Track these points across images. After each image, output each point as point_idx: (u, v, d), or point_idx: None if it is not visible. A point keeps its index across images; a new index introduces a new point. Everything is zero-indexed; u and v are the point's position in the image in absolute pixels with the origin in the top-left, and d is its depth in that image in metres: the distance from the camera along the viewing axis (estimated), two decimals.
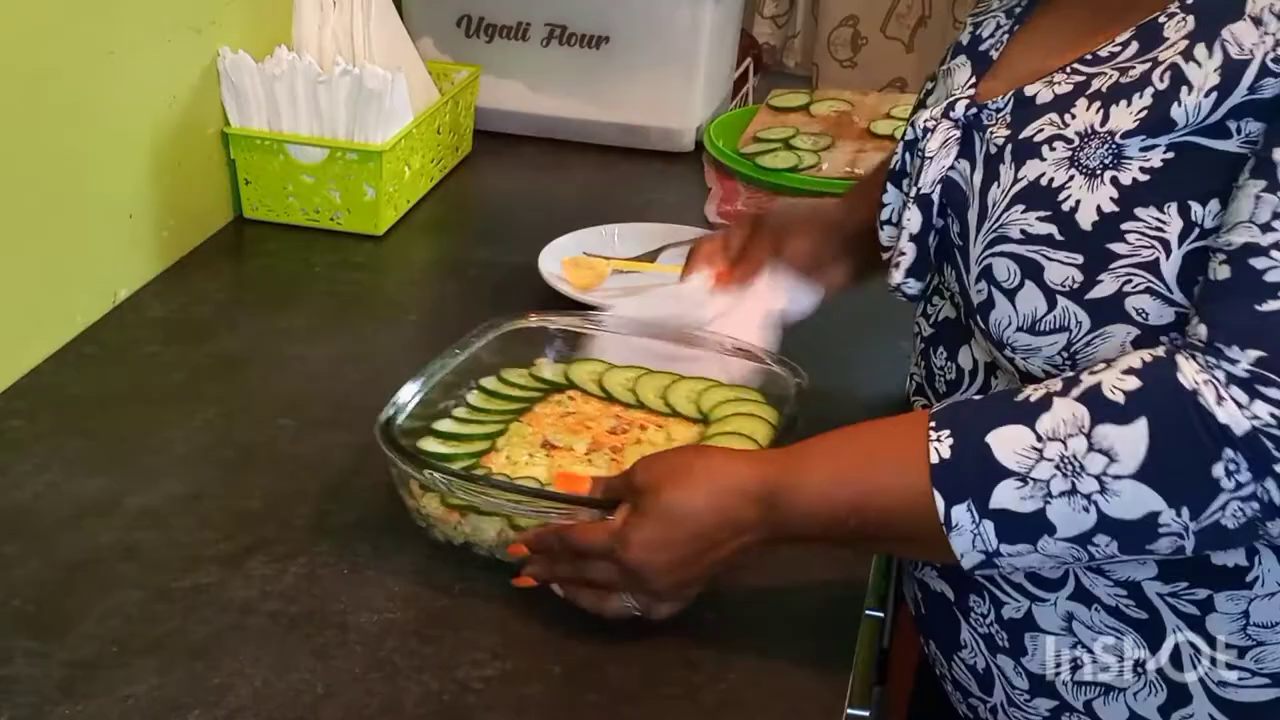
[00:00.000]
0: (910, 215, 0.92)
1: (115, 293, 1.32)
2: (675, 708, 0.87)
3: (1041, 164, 0.84)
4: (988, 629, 0.91)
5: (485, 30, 1.76)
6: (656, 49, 1.72)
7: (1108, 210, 0.80)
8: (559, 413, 1.08)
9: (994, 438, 0.77)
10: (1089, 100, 0.83)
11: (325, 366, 1.24)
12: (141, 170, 1.35)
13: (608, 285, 1.38)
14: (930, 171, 0.91)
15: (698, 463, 0.87)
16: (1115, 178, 0.80)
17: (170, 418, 1.15)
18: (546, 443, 1.04)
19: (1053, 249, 0.82)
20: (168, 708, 0.85)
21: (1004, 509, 0.77)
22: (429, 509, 0.97)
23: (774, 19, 2.67)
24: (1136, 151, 0.80)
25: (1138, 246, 0.79)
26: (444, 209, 1.60)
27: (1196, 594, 0.84)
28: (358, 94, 1.45)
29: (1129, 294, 0.80)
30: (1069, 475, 0.75)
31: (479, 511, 0.95)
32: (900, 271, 0.94)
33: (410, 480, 0.97)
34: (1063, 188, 0.82)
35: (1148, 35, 0.83)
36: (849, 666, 0.91)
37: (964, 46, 0.97)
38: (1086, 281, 0.81)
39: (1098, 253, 0.80)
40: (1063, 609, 0.88)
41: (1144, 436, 0.74)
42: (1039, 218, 0.83)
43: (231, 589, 0.95)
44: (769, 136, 1.74)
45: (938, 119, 0.92)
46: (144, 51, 1.32)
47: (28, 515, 1.02)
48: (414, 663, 0.89)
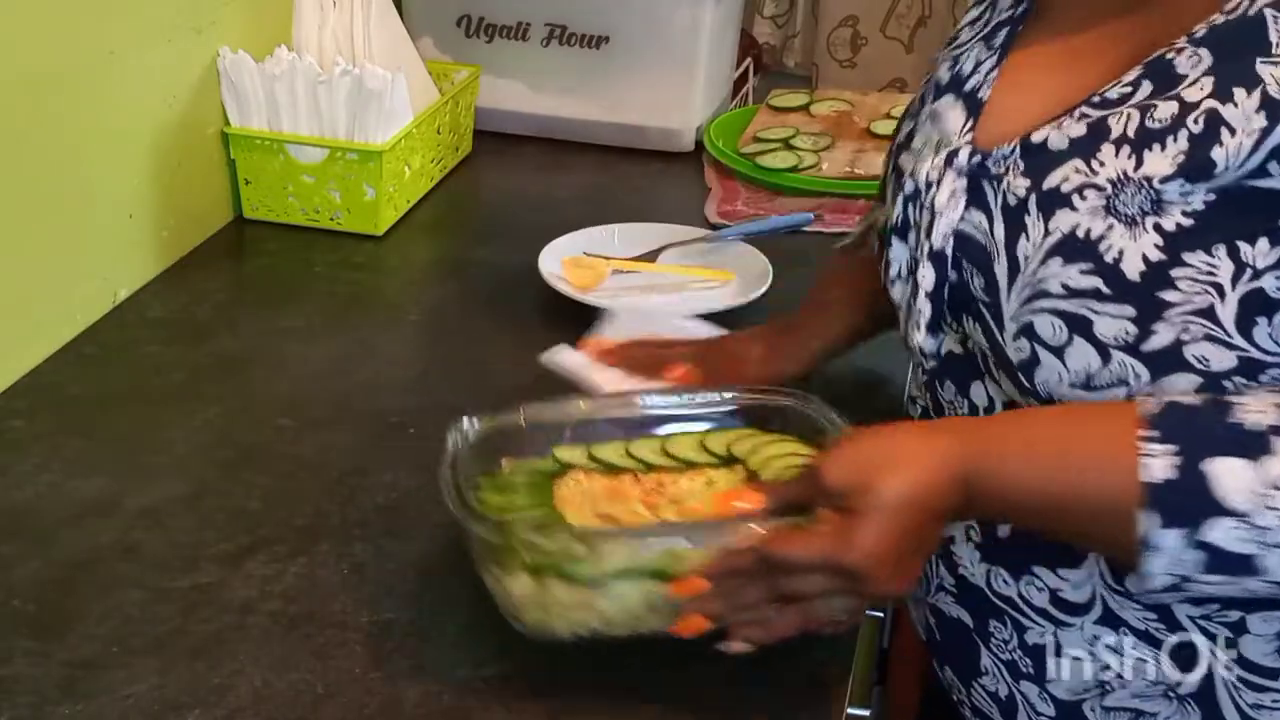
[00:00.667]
0: (925, 272, 0.88)
1: (115, 293, 1.32)
2: (675, 707, 0.87)
3: (1074, 214, 0.80)
4: (1010, 655, 0.89)
5: (485, 30, 1.76)
6: (656, 49, 1.72)
7: (1155, 259, 0.77)
8: (578, 492, 0.95)
9: (1216, 467, 0.73)
10: (1115, 145, 0.79)
11: (325, 366, 1.24)
12: (141, 170, 1.35)
13: (608, 285, 1.38)
14: (941, 226, 0.87)
15: (896, 446, 0.81)
16: (1158, 224, 0.77)
17: (170, 418, 1.15)
18: (603, 515, 0.92)
19: (1100, 302, 0.78)
20: (168, 708, 0.85)
21: (1217, 546, 0.73)
22: (556, 596, 0.84)
23: (774, 19, 2.67)
24: (1176, 196, 0.76)
25: (1190, 294, 0.76)
26: (444, 209, 1.60)
27: (1229, 616, 0.82)
28: (358, 94, 1.45)
29: (1187, 343, 0.76)
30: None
31: (624, 575, 0.84)
32: (921, 331, 0.90)
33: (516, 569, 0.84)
34: (1102, 238, 0.79)
35: (1160, 74, 0.79)
36: (849, 666, 0.91)
37: (947, 86, 0.93)
38: (1141, 333, 0.77)
39: (1149, 302, 0.77)
40: (1089, 633, 0.86)
41: None
42: (1081, 270, 0.79)
43: (231, 589, 0.95)
44: (769, 136, 1.74)
45: (941, 170, 0.88)
46: (144, 51, 1.32)
47: (28, 515, 1.02)
48: (414, 663, 0.89)
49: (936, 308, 0.89)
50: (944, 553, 0.92)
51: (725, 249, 1.46)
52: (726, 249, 1.46)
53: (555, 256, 1.40)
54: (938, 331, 0.90)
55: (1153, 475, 0.73)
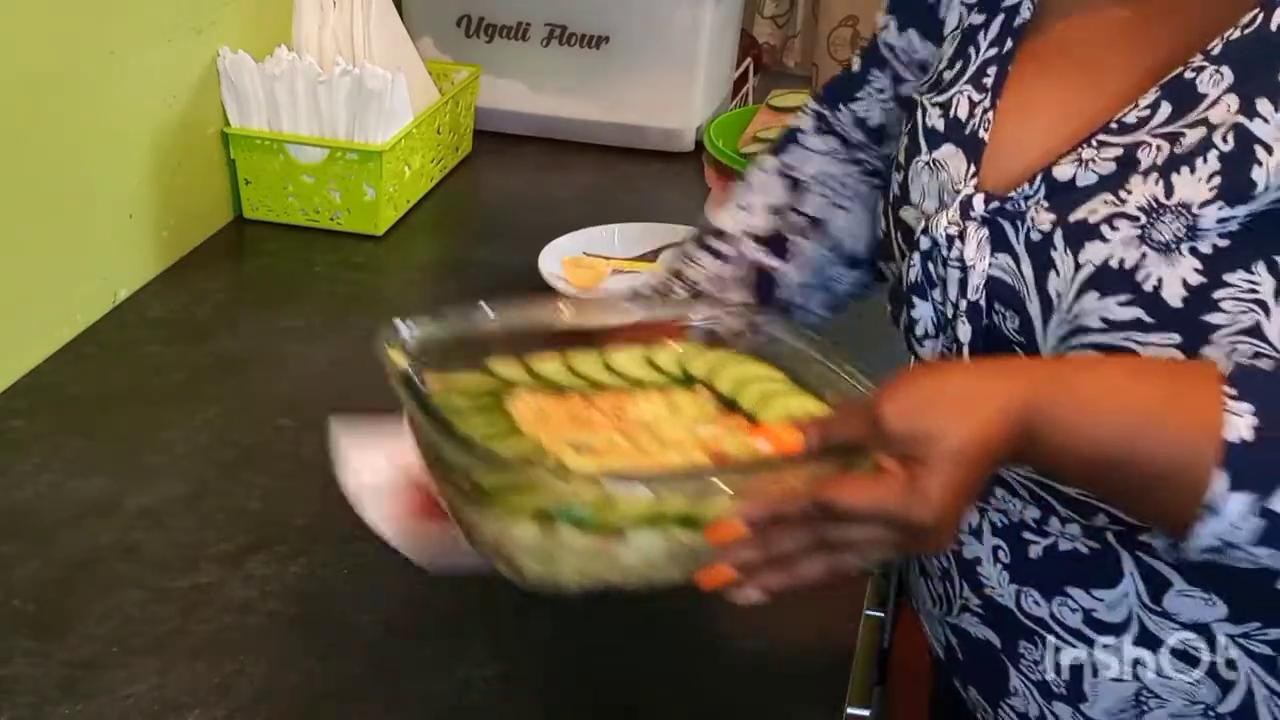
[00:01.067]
0: (963, 329, 0.84)
1: (115, 293, 1.32)
2: (675, 707, 0.87)
3: (1105, 245, 0.77)
4: (1041, 675, 0.87)
5: (485, 30, 1.77)
6: (656, 49, 1.72)
7: (1195, 283, 0.74)
8: (540, 417, 0.84)
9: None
10: (1144, 175, 0.77)
11: (325, 366, 1.24)
12: (141, 170, 1.35)
13: (608, 285, 1.38)
14: (974, 279, 0.83)
15: (962, 387, 0.75)
16: (1194, 248, 0.75)
17: (170, 418, 1.15)
18: (580, 446, 0.81)
19: (1144, 332, 0.76)
20: (168, 708, 0.85)
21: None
22: (571, 543, 0.73)
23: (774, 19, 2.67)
24: (1214, 222, 0.74)
25: (1235, 314, 0.74)
26: (444, 209, 1.60)
27: (1269, 634, 0.81)
28: (358, 94, 1.45)
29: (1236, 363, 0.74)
30: None
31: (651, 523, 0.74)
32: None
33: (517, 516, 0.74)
34: (1138, 267, 0.76)
35: (1180, 94, 0.77)
36: (849, 666, 0.91)
37: (944, 134, 0.88)
38: (1189, 359, 0.75)
39: (1194, 327, 0.75)
40: (1127, 654, 0.84)
41: None
42: (1119, 302, 0.76)
43: (231, 589, 0.95)
44: (769, 136, 1.73)
45: (960, 223, 0.84)
46: (144, 51, 1.32)
47: (28, 515, 1.02)
48: (414, 663, 0.89)
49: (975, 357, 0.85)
50: (968, 571, 0.90)
51: None
52: None
53: (555, 256, 1.40)
54: None
55: (1236, 434, 0.69)
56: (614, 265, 1.41)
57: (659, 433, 0.83)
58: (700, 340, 0.92)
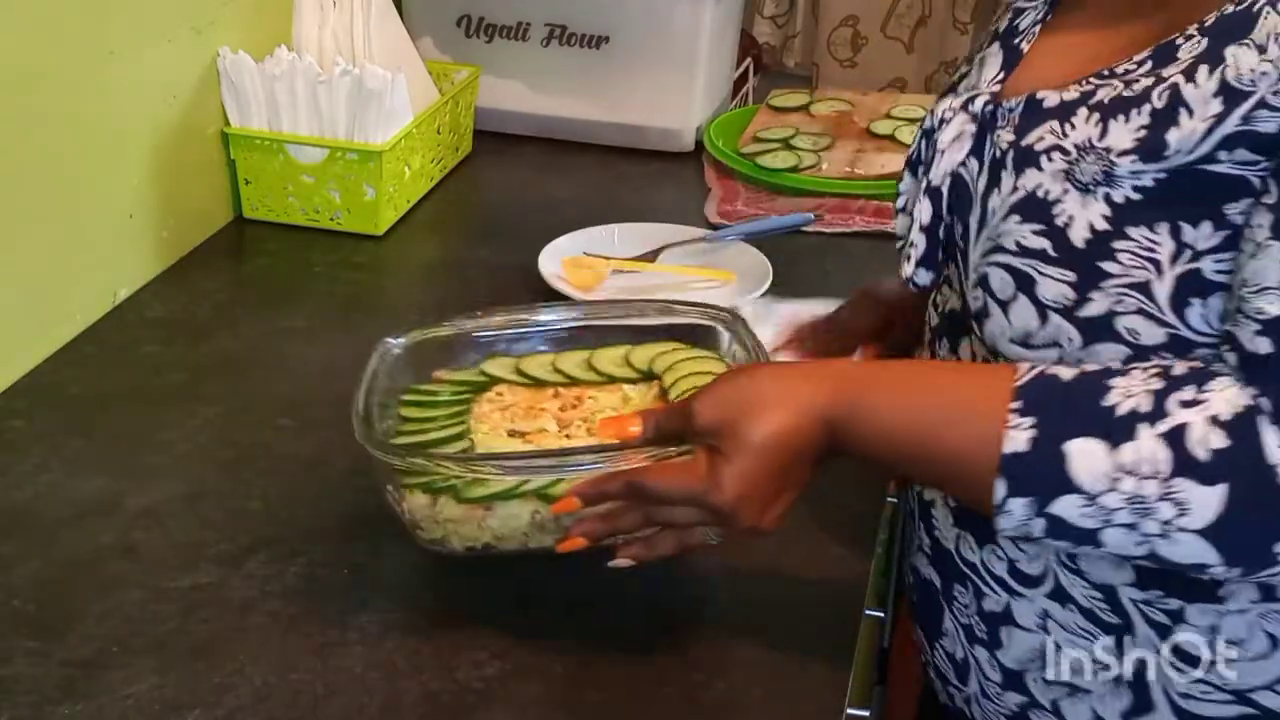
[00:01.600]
0: (922, 207, 0.91)
1: (115, 293, 1.32)
2: (675, 708, 0.87)
3: (1039, 174, 0.83)
4: (969, 619, 0.92)
5: (485, 30, 1.76)
6: (656, 49, 1.72)
7: (1100, 228, 0.79)
8: (499, 407, 1.01)
9: (1074, 447, 0.75)
10: (1089, 111, 0.82)
11: (325, 366, 1.24)
12: (141, 170, 1.35)
13: (608, 285, 1.38)
14: (942, 164, 0.90)
15: (765, 387, 0.84)
16: (1109, 195, 0.79)
17: (170, 418, 1.15)
18: (515, 432, 0.98)
19: (1046, 264, 0.81)
20: (168, 708, 0.85)
21: (1061, 518, 0.76)
22: (446, 513, 0.91)
23: (774, 19, 2.67)
24: (1127, 173, 0.78)
25: (1129, 267, 0.78)
26: (444, 209, 1.60)
27: (1169, 604, 0.83)
28: (358, 94, 1.45)
29: (1120, 314, 0.79)
30: (1135, 513, 0.74)
31: (510, 496, 0.90)
32: (910, 264, 0.93)
33: (412, 488, 0.91)
34: (1057, 201, 0.81)
35: (1163, 56, 0.81)
36: (849, 666, 0.91)
37: (1000, 34, 0.95)
38: (1079, 299, 0.80)
39: (1090, 271, 0.80)
40: (1039, 606, 0.88)
41: (1220, 500, 0.73)
42: (1034, 231, 0.82)
43: (231, 589, 0.95)
44: (769, 136, 1.74)
45: (956, 111, 0.91)
46: (144, 51, 1.32)
47: (28, 515, 1.02)
48: (414, 663, 0.89)
49: (931, 244, 0.92)
50: (924, 514, 0.95)
51: (725, 249, 1.46)
52: (726, 249, 1.46)
53: (555, 256, 1.40)
54: (930, 268, 0.93)
55: (1010, 447, 0.76)
56: (614, 265, 1.41)
57: (593, 423, 0.98)
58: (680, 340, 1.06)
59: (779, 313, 1.20)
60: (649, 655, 0.90)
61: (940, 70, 2.57)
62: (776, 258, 1.40)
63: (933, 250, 0.92)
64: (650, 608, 0.95)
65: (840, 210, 1.58)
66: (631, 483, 0.85)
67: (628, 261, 1.42)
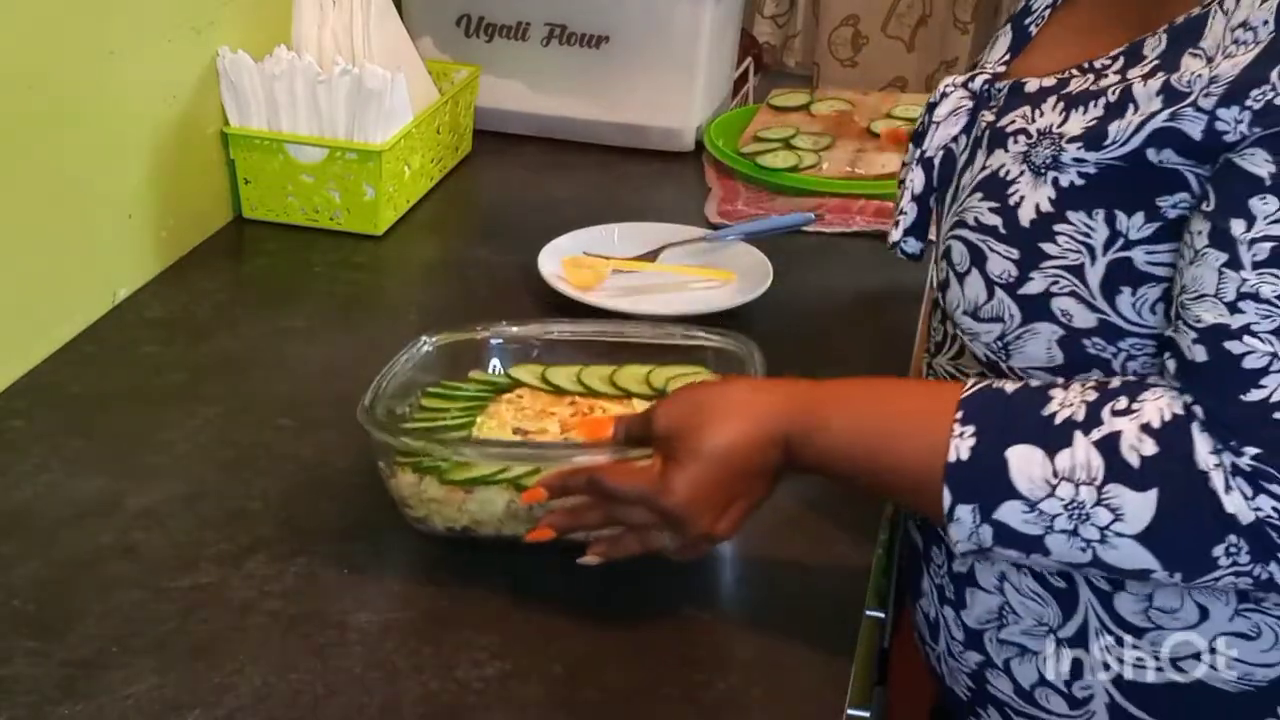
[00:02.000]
0: (915, 176, 0.95)
1: (115, 293, 1.32)
2: (675, 708, 0.87)
3: (1004, 154, 0.87)
4: (941, 580, 0.95)
5: (485, 30, 1.76)
6: (656, 49, 1.72)
7: (1044, 210, 0.83)
8: (515, 408, 1.08)
9: (1014, 454, 0.78)
10: (1058, 100, 0.86)
11: (325, 366, 1.24)
12: (141, 170, 1.35)
13: (608, 285, 1.38)
14: (936, 137, 0.94)
15: (724, 399, 0.88)
16: (1056, 179, 0.83)
17: (170, 418, 1.15)
18: (520, 430, 1.04)
19: (996, 240, 0.85)
20: (168, 708, 0.85)
21: (1006, 524, 0.79)
22: (429, 493, 0.96)
23: (774, 19, 2.67)
24: (1071, 160, 0.82)
25: (1065, 249, 0.82)
26: (444, 209, 1.60)
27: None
28: (357, 94, 1.45)
29: (1055, 295, 0.83)
30: (1074, 519, 0.77)
31: (486, 482, 0.95)
32: (899, 230, 0.98)
33: (403, 466, 0.96)
34: (1014, 182, 0.85)
35: (1133, 54, 0.85)
36: (849, 666, 0.91)
37: (1014, 16, 0.99)
38: (1020, 277, 0.84)
39: (1031, 250, 0.83)
40: (998, 569, 0.91)
41: (1153, 506, 0.76)
42: (990, 208, 0.86)
43: (231, 589, 0.95)
44: (769, 136, 1.74)
45: (956, 86, 0.95)
46: (144, 51, 1.32)
47: (28, 515, 1.02)
48: (414, 663, 0.89)
49: (920, 213, 0.96)
50: None
51: (725, 249, 1.46)
52: (726, 249, 1.46)
53: (555, 256, 1.40)
54: (919, 238, 0.98)
55: (954, 455, 0.79)
56: (614, 265, 1.41)
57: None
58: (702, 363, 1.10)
59: None
60: (649, 655, 0.90)
61: (941, 70, 2.58)
62: (776, 258, 1.40)
63: (922, 219, 0.97)
64: (650, 608, 0.95)
65: (840, 210, 1.58)
66: (591, 479, 0.89)
67: (628, 261, 1.42)
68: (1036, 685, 0.91)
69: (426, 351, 1.08)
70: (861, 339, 1.31)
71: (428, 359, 1.08)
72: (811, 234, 1.53)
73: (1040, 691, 0.91)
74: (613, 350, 1.12)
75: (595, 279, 1.38)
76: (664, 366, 1.10)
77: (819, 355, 1.12)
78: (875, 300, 1.15)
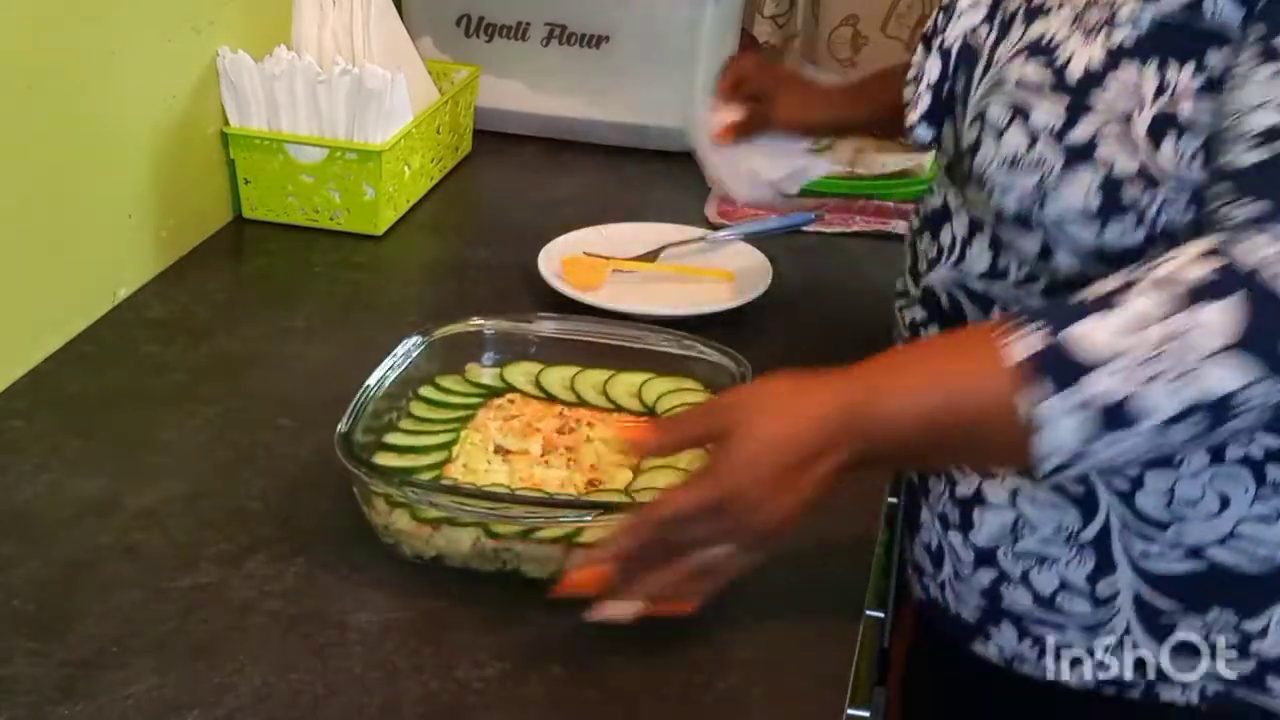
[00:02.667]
0: (931, 66, 0.97)
1: (115, 293, 1.32)
2: (675, 708, 0.87)
3: (1047, 21, 0.89)
4: (942, 508, 0.97)
5: (485, 30, 1.76)
6: (656, 49, 1.72)
7: (1095, 66, 0.85)
8: (503, 417, 1.09)
9: (1075, 331, 0.75)
10: None
11: (325, 366, 1.24)
12: (141, 170, 1.35)
13: (608, 285, 1.38)
14: (958, 26, 0.96)
15: (775, 395, 0.84)
16: (1109, 34, 0.85)
17: (170, 418, 1.15)
18: (500, 448, 1.05)
19: (1040, 96, 0.87)
20: (168, 708, 0.85)
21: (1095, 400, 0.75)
22: (398, 525, 0.96)
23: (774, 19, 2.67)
24: (1127, 15, 0.84)
25: (1116, 95, 0.84)
26: (444, 209, 1.60)
27: (1129, 470, 0.89)
28: (357, 94, 1.45)
29: (1100, 141, 0.84)
30: (1163, 360, 0.74)
31: (453, 523, 0.95)
32: (916, 113, 0.99)
33: (375, 497, 0.96)
34: (1063, 43, 0.87)
35: None
36: (849, 666, 0.91)
37: None
38: (1067, 124, 0.86)
39: (1081, 99, 0.85)
40: (1009, 484, 0.92)
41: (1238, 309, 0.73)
42: (1036, 67, 0.88)
43: (231, 589, 0.95)
44: None
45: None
46: (144, 51, 1.32)
47: (27, 515, 1.02)
48: (414, 663, 0.89)
49: (935, 101, 0.98)
50: None
51: (725, 249, 1.46)
52: (726, 249, 1.46)
53: (555, 256, 1.40)
54: (932, 124, 0.98)
55: (1016, 355, 0.76)
56: (614, 265, 1.41)
57: (576, 451, 1.04)
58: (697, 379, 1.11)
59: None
60: (649, 655, 0.90)
61: None
62: (776, 258, 1.40)
63: (936, 107, 0.98)
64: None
65: (840, 210, 1.58)
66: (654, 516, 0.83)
67: (628, 261, 1.42)
68: (1058, 591, 0.93)
69: (423, 348, 1.10)
70: (861, 339, 1.30)
71: (426, 352, 1.10)
72: (811, 234, 1.53)
73: (1061, 596, 0.93)
74: (609, 353, 1.12)
75: (595, 279, 1.38)
76: (657, 379, 1.11)
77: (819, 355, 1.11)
78: (875, 300, 1.15)
